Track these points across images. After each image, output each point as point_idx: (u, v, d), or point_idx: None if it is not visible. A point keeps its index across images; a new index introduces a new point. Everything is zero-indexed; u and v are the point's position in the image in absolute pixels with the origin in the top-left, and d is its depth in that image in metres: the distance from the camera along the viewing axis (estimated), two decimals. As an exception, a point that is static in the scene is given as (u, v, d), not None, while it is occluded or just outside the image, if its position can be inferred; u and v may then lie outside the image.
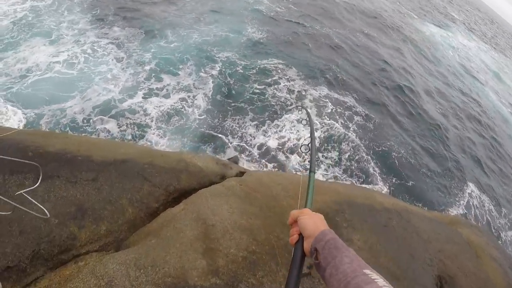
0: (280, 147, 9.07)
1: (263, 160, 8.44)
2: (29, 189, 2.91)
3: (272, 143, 9.02)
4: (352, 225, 4.30)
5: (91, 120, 7.57)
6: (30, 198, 2.59)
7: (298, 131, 9.87)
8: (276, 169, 8.35)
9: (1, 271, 2.66)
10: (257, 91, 10.63)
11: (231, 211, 3.91)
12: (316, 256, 1.22)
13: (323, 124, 10.80)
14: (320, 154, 9.58)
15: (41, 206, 2.76)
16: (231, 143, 8.44)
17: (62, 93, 8.00)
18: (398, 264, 4.01)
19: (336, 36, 17.85)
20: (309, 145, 2.21)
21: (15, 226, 2.91)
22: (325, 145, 10.10)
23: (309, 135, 2.34)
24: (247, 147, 8.59)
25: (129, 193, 3.77)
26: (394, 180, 10.43)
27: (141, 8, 13.31)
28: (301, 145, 2.25)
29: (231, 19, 14.89)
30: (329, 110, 11.56)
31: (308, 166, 1.98)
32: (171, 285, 2.89)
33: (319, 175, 8.96)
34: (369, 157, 10.65)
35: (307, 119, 3.43)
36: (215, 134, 8.55)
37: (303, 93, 11.67)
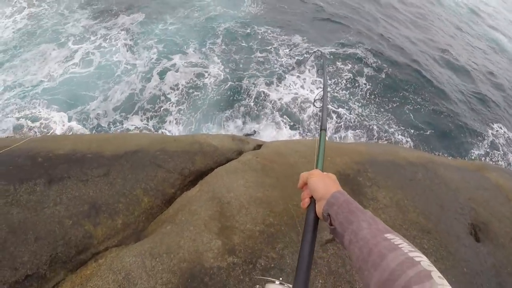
0: (293, 105, 8.86)
1: (280, 120, 8.36)
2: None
3: (286, 99, 8.91)
4: (376, 183, 4.03)
5: (116, 121, 7.72)
6: None
7: (309, 89, 9.62)
8: (292, 128, 8.21)
9: (22, 280, 2.73)
10: (261, 59, 10.31)
11: (247, 186, 3.79)
12: (330, 221, 1.15)
13: (331, 83, 10.35)
14: (333, 115, 9.18)
15: None
16: (248, 110, 8.38)
17: (85, 93, 8.21)
18: (428, 218, 3.73)
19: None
20: (322, 99, 2.02)
21: (30, 234, 2.97)
22: (336, 104, 9.69)
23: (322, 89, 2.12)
24: (263, 109, 8.51)
25: (143, 182, 3.75)
26: (413, 131, 9.88)
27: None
28: (314, 100, 2.04)
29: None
30: (337, 67, 11.03)
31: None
32: (187, 270, 2.84)
33: (335, 136, 8.65)
34: (384, 111, 10.10)
35: (322, 69, 3.07)
36: (231, 106, 8.48)
37: (306, 54, 11.17)
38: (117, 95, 8.23)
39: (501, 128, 11.71)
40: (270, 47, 11.09)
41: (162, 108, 8.10)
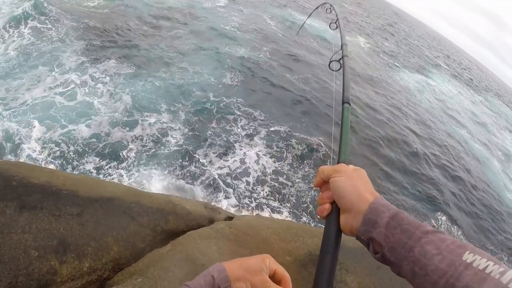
0: (240, 177, 8.99)
1: (228, 191, 8.42)
2: None
3: (235, 171, 9.08)
4: (345, 267, 4.16)
5: (80, 159, 7.48)
6: None
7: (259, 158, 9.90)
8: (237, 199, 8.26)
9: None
10: (219, 130, 10.66)
11: (221, 252, 3.74)
12: (373, 248, 0.84)
13: (276, 165, 10.54)
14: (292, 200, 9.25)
15: None
16: (200, 180, 8.44)
17: (57, 124, 8.09)
18: (396, 306, 3.85)
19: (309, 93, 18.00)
20: (341, 60, 1.61)
21: (-9, 256, 2.67)
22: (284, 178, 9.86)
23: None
24: (215, 182, 8.59)
25: (114, 231, 3.57)
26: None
27: (133, 40, 13.74)
28: (330, 61, 1.60)
29: (213, 61, 15.18)
30: (281, 145, 11.38)
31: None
32: (160, 324, 2.64)
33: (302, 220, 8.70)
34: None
35: (336, 22, 2.73)
36: (185, 174, 8.49)
37: (258, 130, 11.48)
38: (85, 133, 8.12)
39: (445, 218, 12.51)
40: (230, 116, 11.46)
41: (123, 157, 7.97)
